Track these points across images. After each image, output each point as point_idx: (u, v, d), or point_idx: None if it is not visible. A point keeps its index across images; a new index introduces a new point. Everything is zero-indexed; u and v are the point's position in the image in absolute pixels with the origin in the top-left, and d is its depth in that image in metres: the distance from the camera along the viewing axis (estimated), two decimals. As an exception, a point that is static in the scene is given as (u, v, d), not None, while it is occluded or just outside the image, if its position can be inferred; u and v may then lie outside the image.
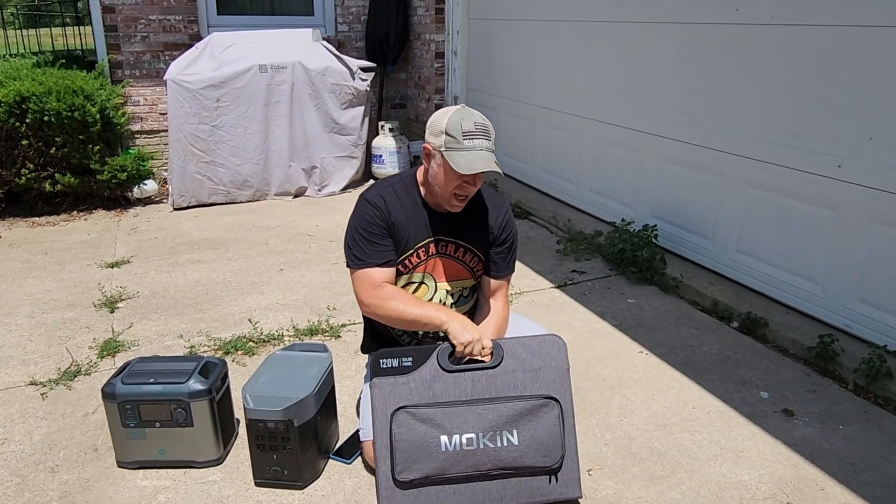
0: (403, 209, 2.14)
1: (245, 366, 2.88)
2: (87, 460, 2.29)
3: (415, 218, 2.15)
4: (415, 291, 2.20)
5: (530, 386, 1.97)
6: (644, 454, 2.33)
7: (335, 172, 5.57)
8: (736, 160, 3.48)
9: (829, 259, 3.08)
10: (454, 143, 2.00)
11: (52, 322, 3.29)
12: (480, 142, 2.00)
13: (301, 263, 4.04)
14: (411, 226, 2.14)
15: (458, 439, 1.89)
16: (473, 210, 2.21)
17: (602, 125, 4.48)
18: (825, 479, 2.20)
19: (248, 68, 5.09)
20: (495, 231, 2.24)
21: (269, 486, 2.15)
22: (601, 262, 4.04)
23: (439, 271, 2.20)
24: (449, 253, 2.20)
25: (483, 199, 2.24)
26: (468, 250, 2.21)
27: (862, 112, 2.86)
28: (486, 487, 1.93)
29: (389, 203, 2.13)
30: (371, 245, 2.11)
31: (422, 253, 2.16)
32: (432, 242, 2.17)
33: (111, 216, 5.01)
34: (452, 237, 2.19)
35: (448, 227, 2.18)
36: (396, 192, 2.16)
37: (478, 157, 1.99)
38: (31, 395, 2.68)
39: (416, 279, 2.20)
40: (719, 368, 2.88)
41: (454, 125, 2.01)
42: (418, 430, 1.89)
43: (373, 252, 2.11)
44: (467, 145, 1.99)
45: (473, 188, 2.07)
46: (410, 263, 2.17)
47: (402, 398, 1.93)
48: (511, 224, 2.27)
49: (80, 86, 4.76)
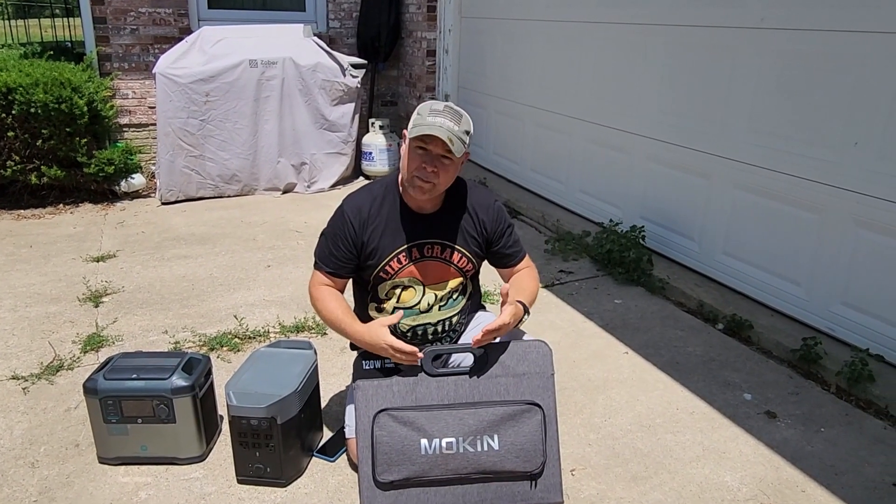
0: (382, 217, 2.13)
1: (230, 362, 2.87)
2: (67, 456, 2.28)
3: (394, 224, 2.13)
4: (401, 294, 2.19)
5: (513, 391, 1.97)
6: (627, 455, 2.34)
7: (324, 169, 5.55)
8: (723, 162, 3.50)
9: (814, 262, 3.10)
10: (419, 120, 2.01)
11: (36, 316, 3.26)
12: (443, 120, 1.99)
13: (289, 260, 4.03)
14: (389, 233, 2.13)
15: (437, 443, 1.89)
16: (459, 208, 2.19)
17: (592, 126, 4.49)
18: (806, 480, 2.22)
19: (238, 63, 5.07)
20: (489, 225, 2.22)
21: (252, 484, 2.14)
22: (589, 263, 4.06)
23: (427, 274, 2.18)
24: (435, 255, 2.18)
25: (468, 197, 2.22)
26: (455, 250, 2.19)
27: (848, 117, 2.87)
28: (467, 491, 1.93)
29: (364, 213, 2.12)
30: (331, 254, 2.15)
31: (402, 258, 2.14)
32: (414, 247, 2.15)
33: (98, 210, 4.98)
34: (438, 238, 2.17)
35: (433, 229, 2.16)
36: (376, 199, 2.15)
37: (433, 124, 1.97)
38: (13, 389, 2.66)
39: (402, 282, 2.18)
40: (704, 370, 2.89)
41: (425, 107, 2.04)
42: (399, 433, 1.89)
43: (329, 260, 2.16)
44: (429, 121, 1.99)
45: (430, 169, 2.02)
46: (391, 269, 2.15)
47: (385, 401, 1.92)
48: (502, 211, 2.26)
49: (67, 78, 4.71)
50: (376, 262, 2.14)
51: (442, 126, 1.97)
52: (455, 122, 2.01)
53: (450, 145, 1.97)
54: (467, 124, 2.05)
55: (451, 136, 1.97)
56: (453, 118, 2.01)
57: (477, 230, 2.21)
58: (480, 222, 2.21)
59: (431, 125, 1.97)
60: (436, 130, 1.96)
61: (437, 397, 1.94)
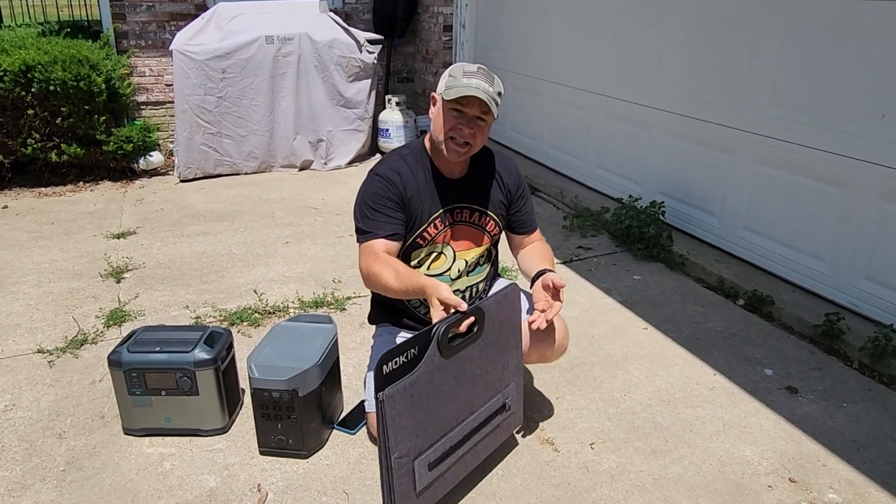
0: (416, 182, 2.11)
1: (250, 337, 2.89)
2: (93, 427, 2.31)
3: (428, 189, 2.13)
4: (433, 261, 2.19)
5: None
6: (647, 429, 2.33)
7: (341, 146, 5.54)
8: (745, 136, 3.45)
9: (837, 237, 3.06)
10: (453, 82, 2.00)
11: (59, 291, 3.30)
12: (478, 81, 1.98)
13: (307, 236, 4.04)
14: (426, 198, 2.12)
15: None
16: (486, 172, 2.20)
17: (611, 100, 4.43)
18: (827, 455, 2.21)
19: (255, 39, 5.05)
20: (512, 188, 2.25)
21: (274, 455, 2.17)
22: (607, 239, 4.03)
23: (459, 240, 2.20)
24: (465, 219, 2.19)
25: (493, 161, 2.24)
26: (484, 214, 2.20)
27: (874, 88, 2.81)
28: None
29: (404, 177, 2.09)
30: (380, 216, 2.05)
31: (438, 223, 2.14)
32: (448, 211, 2.15)
33: (117, 187, 5.01)
34: (468, 203, 2.18)
35: (462, 194, 2.17)
36: (408, 164, 2.13)
37: (470, 85, 1.96)
38: (39, 362, 2.70)
39: (437, 249, 2.18)
40: (724, 345, 2.87)
41: (458, 69, 2.03)
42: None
43: (381, 224, 2.05)
44: (464, 82, 1.97)
45: (467, 130, 2.01)
46: (429, 235, 2.14)
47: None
48: (521, 176, 2.29)
49: (85, 55, 4.73)
50: (415, 227, 2.12)
51: (479, 87, 1.96)
52: (489, 84, 2.00)
53: (489, 105, 1.97)
54: (499, 86, 2.05)
55: (489, 97, 1.97)
56: (487, 79, 2.00)
57: (503, 193, 2.23)
58: (505, 185, 2.23)
59: (468, 86, 1.96)
60: (473, 91, 1.95)
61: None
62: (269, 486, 2.05)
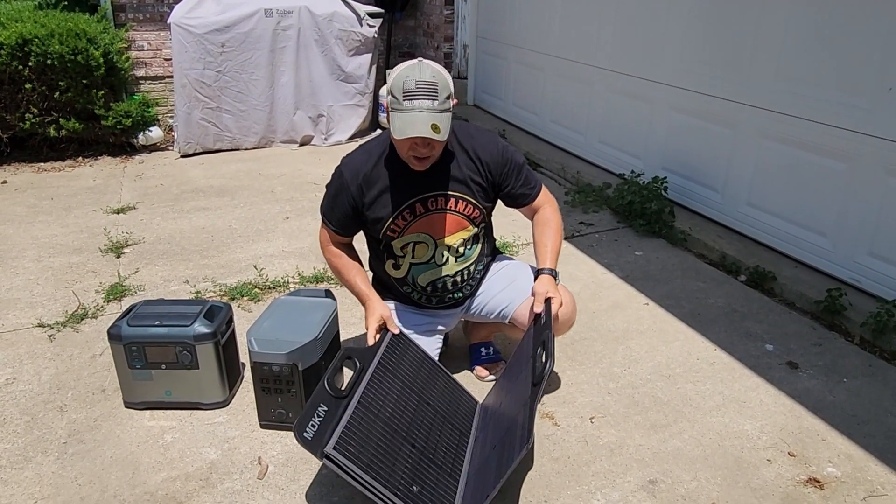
0: (382, 176, 2.08)
1: (250, 311, 2.89)
2: (94, 400, 2.32)
3: (394, 182, 2.08)
4: (414, 251, 2.17)
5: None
6: (647, 403, 2.34)
7: (341, 121, 5.50)
8: (749, 111, 3.41)
9: (841, 212, 3.03)
10: (395, 104, 1.90)
11: (59, 266, 3.30)
12: (420, 102, 1.85)
13: (307, 212, 4.02)
14: (392, 191, 2.08)
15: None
16: (459, 155, 2.12)
17: (613, 74, 4.39)
18: (827, 429, 2.21)
19: (254, 12, 4.99)
20: (493, 168, 2.14)
21: (274, 429, 2.17)
22: (609, 215, 4.01)
23: (436, 228, 2.14)
24: (440, 207, 2.12)
25: (469, 141, 2.14)
26: (460, 199, 2.13)
27: (882, 61, 2.77)
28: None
29: (366, 179, 2.08)
30: (334, 213, 2.16)
31: (407, 215, 2.10)
32: (418, 202, 2.10)
33: (116, 162, 4.99)
34: (440, 190, 2.11)
35: (436, 182, 2.10)
36: (373, 159, 2.09)
37: (413, 120, 1.85)
38: (39, 336, 2.71)
39: (412, 239, 2.15)
40: (725, 321, 2.87)
41: (398, 84, 1.89)
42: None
43: (332, 217, 2.17)
44: (406, 106, 1.87)
45: (426, 150, 1.95)
46: (398, 227, 2.12)
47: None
48: (507, 150, 2.16)
49: (83, 28, 4.67)
50: (381, 222, 2.11)
51: (420, 114, 1.86)
52: (433, 99, 1.87)
53: (434, 135, 1.87)
54: (446, 88, 1.91)
55: (433, 123, 1.86)
56: (429, 94, 1.86)
57: (481, 174, 2.14)
58: (484, 165, 2.13)
59: (412, 121, 1.86)
60: (417, 128, 1.85)
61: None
62: (269, 458, 2.06)
